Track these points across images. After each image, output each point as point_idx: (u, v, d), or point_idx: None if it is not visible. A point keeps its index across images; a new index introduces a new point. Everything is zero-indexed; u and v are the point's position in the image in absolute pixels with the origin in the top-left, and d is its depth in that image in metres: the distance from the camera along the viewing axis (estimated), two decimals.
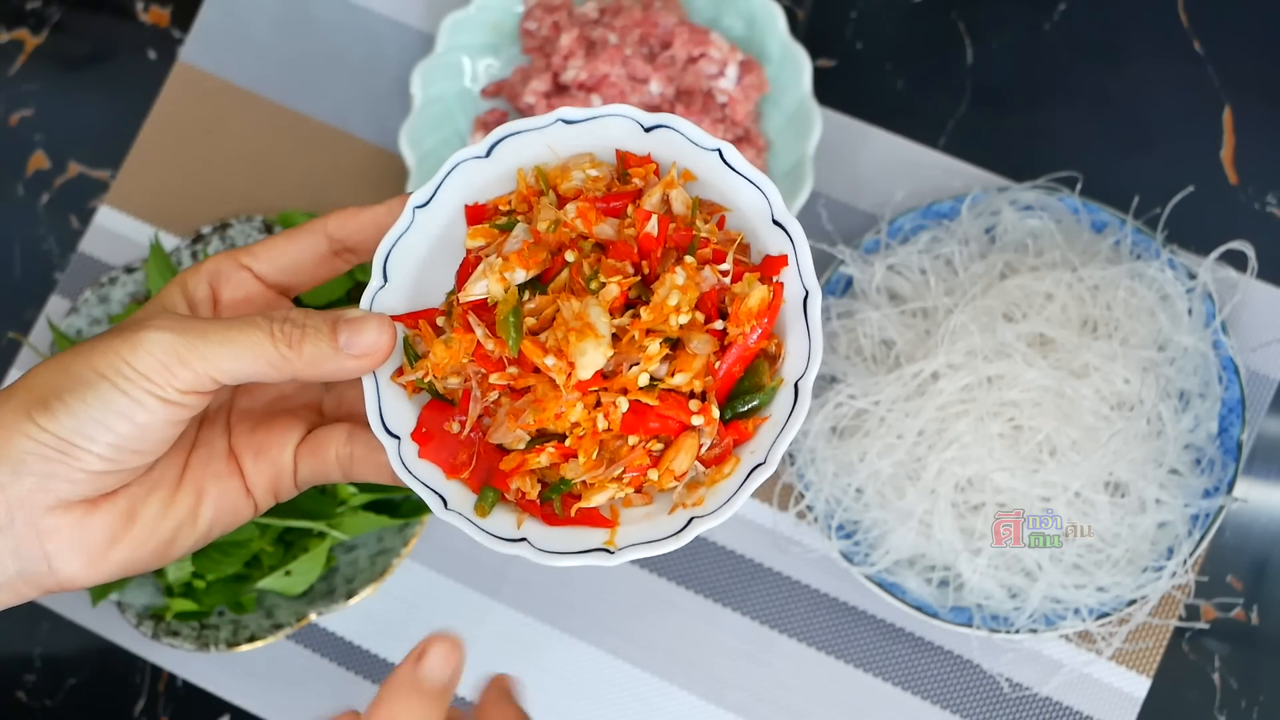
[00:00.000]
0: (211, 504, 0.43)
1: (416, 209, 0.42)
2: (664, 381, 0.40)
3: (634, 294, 0.40)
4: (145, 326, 0.40)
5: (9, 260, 0.82)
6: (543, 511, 0.42)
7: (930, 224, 0.73)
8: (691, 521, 0.40)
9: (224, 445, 0.44)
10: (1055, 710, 0.70)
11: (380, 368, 0.42)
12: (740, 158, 0.41)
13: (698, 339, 0.40)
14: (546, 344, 0.39)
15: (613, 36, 0.74)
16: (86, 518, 0.40)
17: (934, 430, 0.66)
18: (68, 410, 0.39)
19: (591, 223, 0.41)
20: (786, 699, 0.72)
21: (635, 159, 0.43)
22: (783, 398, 0.40)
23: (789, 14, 0.79)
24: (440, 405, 0.42)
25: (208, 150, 0.81)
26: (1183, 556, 0.67)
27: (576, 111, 0.42)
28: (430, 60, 0.76)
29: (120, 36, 0.84)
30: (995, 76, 0.78)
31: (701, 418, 0.40)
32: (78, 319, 0.75)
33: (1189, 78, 0.77)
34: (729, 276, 0.41)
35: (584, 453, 0.40)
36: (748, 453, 0.41)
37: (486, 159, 0.43)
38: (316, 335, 0.41)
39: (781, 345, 0.41)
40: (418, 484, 0.41)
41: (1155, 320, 0.68)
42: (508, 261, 0.40)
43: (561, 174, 0.43)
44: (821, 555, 0.72)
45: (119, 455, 0.40)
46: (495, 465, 0.41)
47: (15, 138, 0.83)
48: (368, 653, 0.74)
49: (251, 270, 0.46)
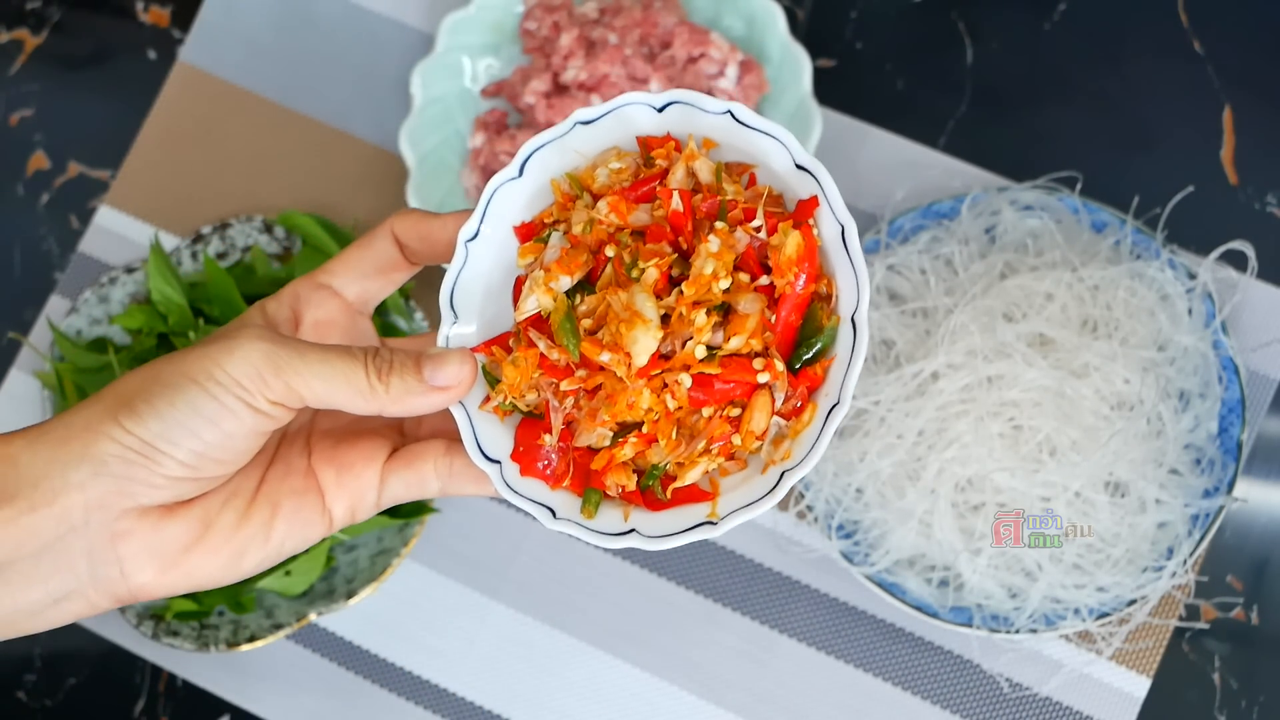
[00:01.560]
0: (285, 519, 0.43)
1: (467, 242, 0.43)
2: (722, 348, 0.40)
3: (677, 272, 0.41)
4: (242, 335, 0.40)
5: (9, 260, 0.82)
6: (645, 499, 0.42)
7: (930, 224, 0.73)
8: (783, 476, 0.40)
9: (303, 463, 0.44)
10: (1055, 710, 0.70)
11: (467, 399, 0.43)
12: (751, 113, 0.42)
13: (745, 299, 0.40)
14: (603, 341, 0.40)
15: (613, 36, 0.74)
16: (161, 523, 0.40)
17: (934, 430, 0.66)
18: (154, 413, 0.39)
19: (624, 213, 0.42)
20: (786, 699, 0.72)
21: (655, 141, 0.43)
22: (843, 335, 0.41)
23: (789, 14, 0.79)
24: (533, 422, 0.43)
25: (208, 150, 0.81)
26: (1183, 556, 0.67)
27: (590, 111, 0.43)
28: (430, 60, 0.76)
29: (120, 36, 0.84)
30: (995, 76, 0.78)
31: (768, 374, 0.40)
32: (78, 319, 0.75)
33: (1189, 78, 0.77)
34: (763, 231, 0.41)
35: (663, 435, 0.41)
36: (822, 396, 0.41)
37: (521, 178, 0.44)
38: (403, 369, 0.41)
39: (832, 284, 0.41)
40: (525, 501, 0.42)
41: (1155, 320, 0.68)
42: (550, 272, 0.42)
43: (591, 174, 0.44)
44: (821, 555, 0.72)
45: (201, 462, 0.40)
46: (591, 467, 0.42)
47: (15, 138, 0.83)
48: (368, 653, 0.74)
49: (331, 287, 0.46)
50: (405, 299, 0.74)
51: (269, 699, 0.74)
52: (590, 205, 0.43)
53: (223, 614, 0.71)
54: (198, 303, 0.72)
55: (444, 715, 0.73)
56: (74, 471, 0.39)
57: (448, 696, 0.74)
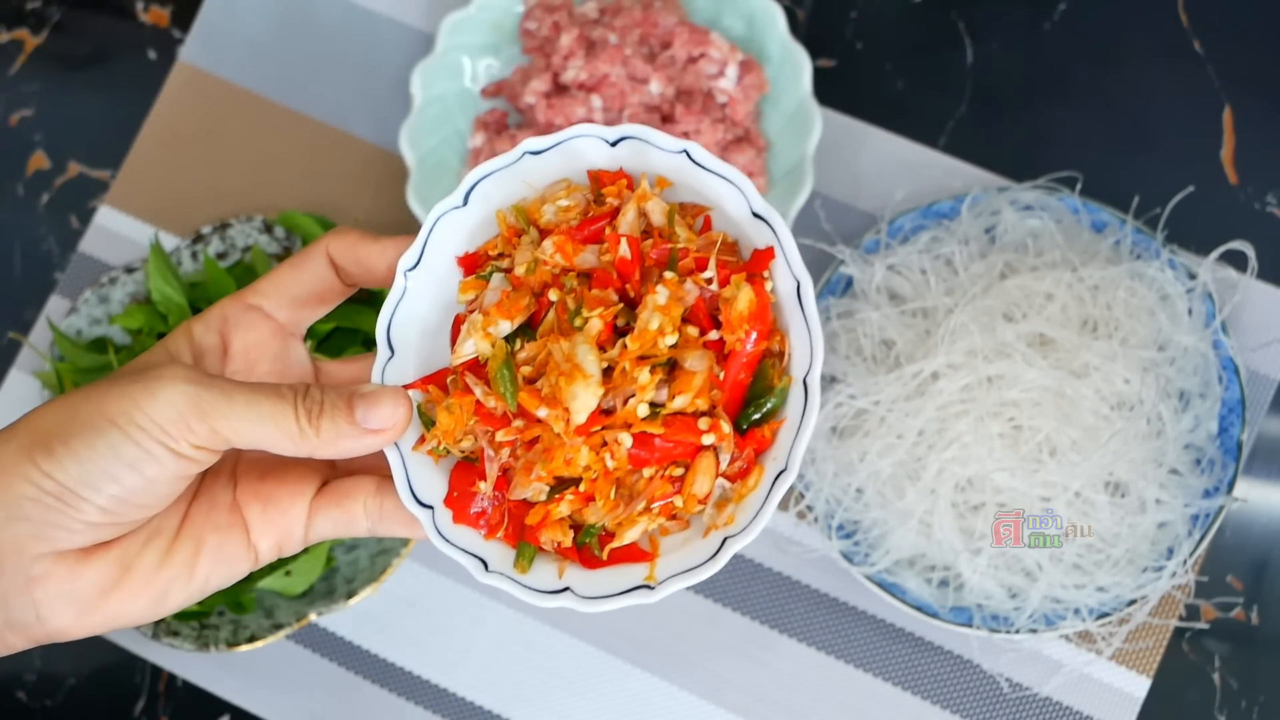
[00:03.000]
0: (210, 556, 0.41)
1: (407, 272, 0.41)
2: (666, 406, 0.38)
3: (623, 321, 0.39)
4: (163, 376, 0.38)
5: (9, 260, 0.82)
6: (581, 556, 0.40)
7: (930, 224, 0.73)
8: (725, 542, 0.39)
9: (228, 497, 0.42)
10: (1055, 710, 0.70)
11: (402, 439, 0.41)
12: (707, 155, 0.40)
13: (692, 356, 0.38)
14: (542, 392, 0.38)
15: (613, 36, 0.74)
16: (78, 567, 0.39)
17: (934, 430, 0.66)
18: (74, 456, 0.37)
19: (571, 255, 0.40)
20: (786, 699, 0.72)
21: (607, 176, 0.41)
22: (794, 397, 0.39)
23: (789, 14, 0.79)
24: (468, 466, 0.41)
25: (208, 150, 0.81)
26: (1183, 556, 0.67)
27: (540, 140, 0.41)
28: (430, 60, 0.76)
29: (120, 36, 0.84)
30: (995, 76, 0.78)
31: (713, 435, 0.38)
32: (78, 319, 0.75)
33: (1189, 78, 0.77)
34: (714, 283, 0.39)
35: (600, 495, 0.39)
36: (770, 460, 0.39)
37: (465, 207, 0.42)
38: (334, 411, 0.40)
39: (785, 341, 0.40)
40: (456, 551, 0.40)
41: (1155, 320, 0.68)
42: (489, 316, 0.40)
43: (538, 207, 0.42)
44: (821, 555, 0.72)
45: (121, 508, 0.38)
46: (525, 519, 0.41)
47: (15, 138, 0.83)
48: (368, 653, 0.74)
49: (262, 309, 0.44)
50: None
51: (269, 699, 0.74)
52: (536, 243, 0.41)
53: (223, 614, 0.71)
54: (198, 303, 0.72)
55: (444, 715, 0.73)
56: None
57: (448, 696, 0.74)
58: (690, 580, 0.39)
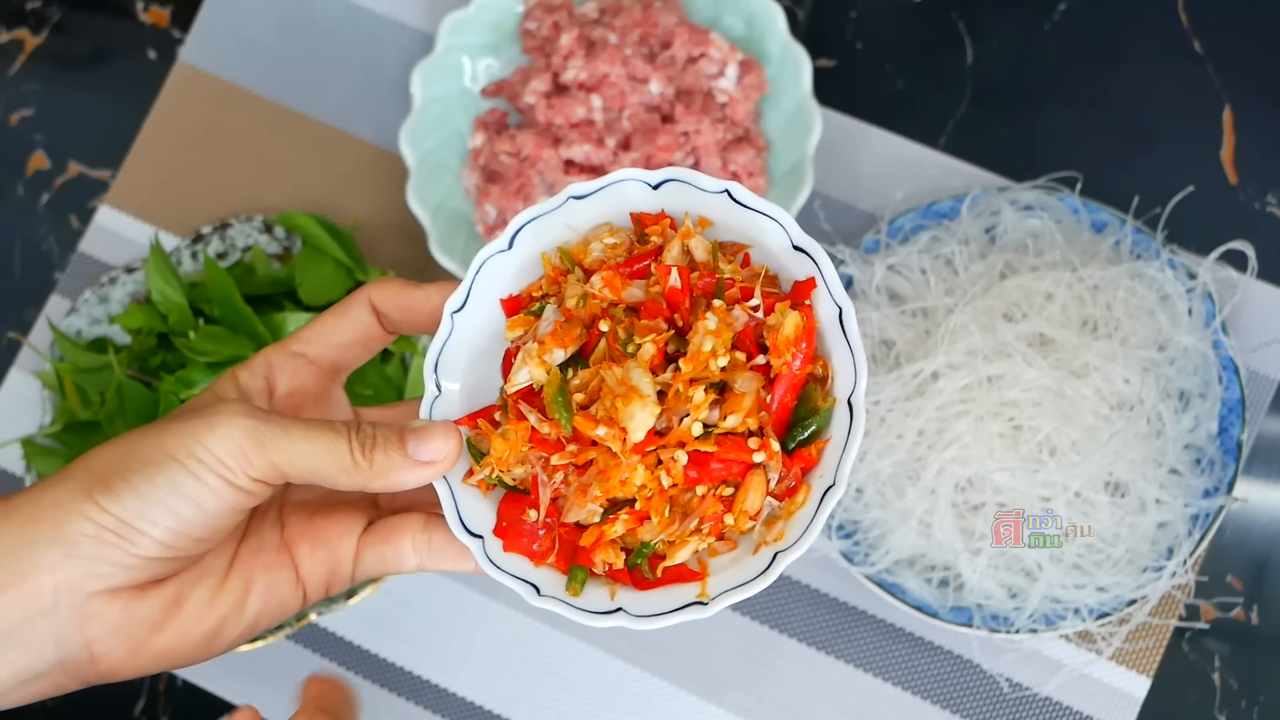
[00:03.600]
0: (260, 594, 0.42)
1: (454, 314, 0.43)
2: (718, 426, 0.40)
3: (672, 348, 0.41)
4: (221, 411, 0.39)
5: (9, 260, 0.82)
6: (633, 578, 0.42)
7: (930, 224, 0.73)
8: (776, 558, 0.40)
9: (276, 536, 0.43)
10: (1055, 710, 0.70)
11: (450, 473, 0.42)
12: (749, 194, 0.41)
13: (742, 378, 0.40)
14: (597, 415, 0.39)
15: (613, 36, 0.74)
16: (132, 605, 0.39)
17: (934, 430, 0.66)
18: (133, 490, 0.38)
19: (619, 289, 0.41)
20: (786, 699, 0.72)
21: (650, 218, 0.43)
22: (839, 417, 0.40)
23: (789, 14, 0.79)
24: (517, 497, 0.42)
25: (208, 150, 0.81)
26: (1183, 556, 0.67)
27: (584, 185, 0.42)
28: (430, 60, 0.76)
29: (120, 36, 0.84)
30: (995, 76, 0.78)
31: (763, 454, 0.40)
32: (78, 319, 0.75)
33: (1189, 78, 0.77)
34: (760, 310, 0.41)
35: (656, 513, 0.40)
36: (816, 478, 0.40)
37: (510, 250, 0.43)
38: (387, 444, 0.40)
39: (828, 365, 0.41)
40: (508, 578, 0.41)
41: (1155, 320, 0.68)
42: (544, 345, 0.41)
43: (583, 249, 0.43)
44: (821, 555, 0.72)
45: (178, 541, 0.39)
46: (577, 544, 0.41)
47: (15, 138, 0.83)
48: (368, 653, 0.74)
49: (305, 356, 0.45)
50: None
51: (269, 699, 0.74)
52: (582, 280, 0.42)
53: None
54: (198, 303, 0.72)
55: (444, 715, 0.73)
56: (44, 552, 0.37)
57: (448, 696, 0.74)
58: (743, 595, 0.40)
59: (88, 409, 0.72)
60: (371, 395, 0.71)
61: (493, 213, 0.75)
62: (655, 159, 0.72)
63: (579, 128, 0.73)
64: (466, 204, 0.77)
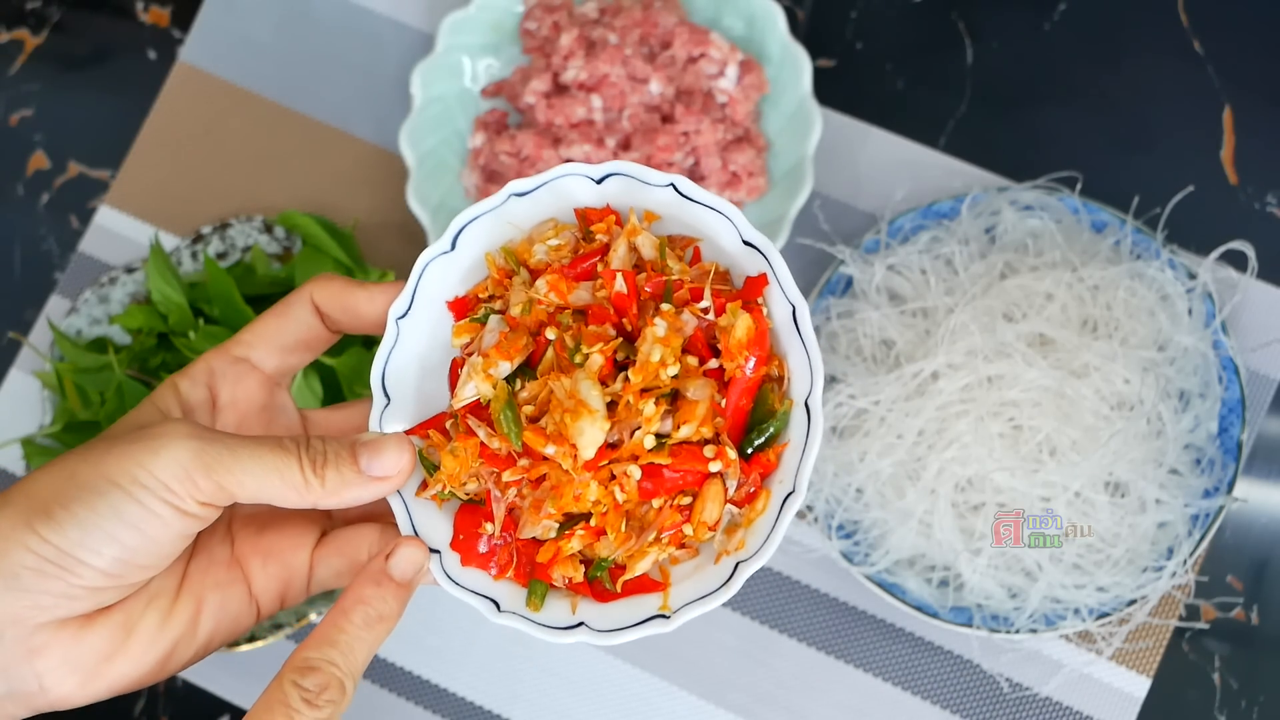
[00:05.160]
0: (212, 614, 0.41)
1: (398, 320, 0.41)
2: (671, 437, 0.39)
3: (622, 355, 0.39)
4: (166, 433, 0.38)
5: (9, 260, 0.82)
6: (593, 590, 0.41)
7: (930, 224, 0.73)
8: (738, 568, 0.39)
9: (226, 552, 0.42)
10: (1055, 710, 0.70)
11: (403, 486, 0.41)
12: (694, 187, 0.40)
13: (694, 385, 0.39)
14: (547, 431, 0.38)
15: (613, 36, 0.74)
16: (81, 634, 0.38)
17: (934, 430, 0.66)
18: (74, 519, 0.36)
19: (565, 293, 0.40)
20: (786, 699, 0.72)
21: (595, 213, 0.41)
22: (797, 419, 0.39)
23: (789, 14, 0.79)
24: (473, 508, 0.41)
25: (208, 150, 0.81)
26: (1183, 556, 0.67)
27: (525, 182, 0.41)
28: (430, 60, 0.76)
29: (120, 36, 0.84)
30: (995, 76, 0.78)
31: (719, 462, 0.39)
32: (78, 319, 0.75)
33: (1189, 78, 0.77)
34: (710, 312, 0.39)
35: (611, 529, 0.39)
36: (776, 483, 0.40)
37: (453, 252, 0.42)
38: (338, 461, 0.39)
39: (784, 366, 0.40)
40: (466, 594, 0.40)
41: (1155, 320, 0.68)
42: (488, 358, 0.40)
43: (528, 248, 0.42)
44: (821, 555, 0.72)
45: (123, 570, 0.37)
46: (535, 558, 0.41)
47: (15, 138, 0.83)
48: None
49: (248, 360, 0.44)
50: None
51: None
52: (528, 283, 0.41)
53: None
54: (198, 303, 0.72)
55: (444, 715, 0.73)
56: None
57: (448, 696, 0.74)
58: (705, 607, 0.39)
59: (88, 409, 0.72)
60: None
61: None
62: (655, 159, 0.72)
63: (579, 128, 0.73)
64: (466, 204, 0.77)
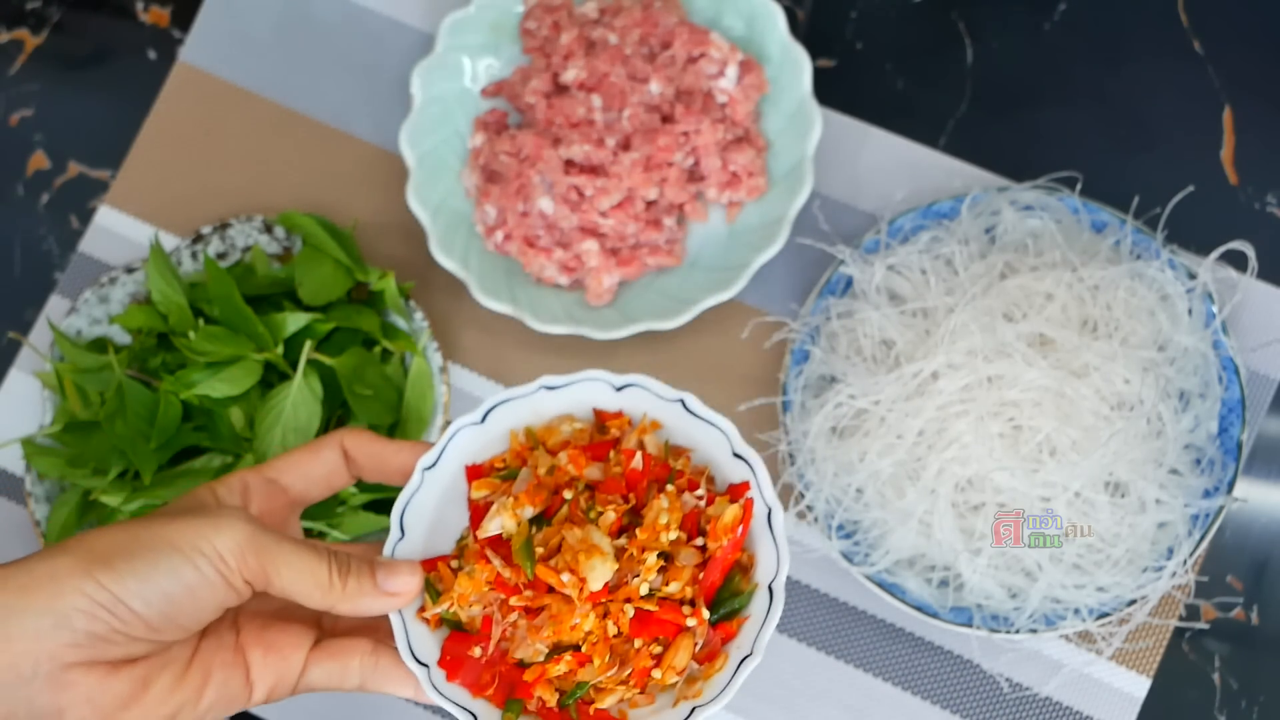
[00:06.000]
0: (215, 688, 0.45)
1: (425, 470, 0.48)
2: (660, 590, 0.46)
3: (625, 521, 0.47)
4: (226, 514, 0.43)
5: (9, 260, 0.82)
6: (561, 718, 0.47)
7: (930, 224, 0.73)
8: (694, 711, 0.45)
9: (231, 638, 0.46)
10: (1055, 710, 0.70)
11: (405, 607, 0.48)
12: (700, 405, 0.48)
13: (684, 552, 0.46)
14: (557, 566, 0.45)
15: (613, 36, 0.74)
16: (107, 679, 0.41)
17: (934, 430, 0.66)
18: (133, 572, 0.41)
19: (581, 466, 0.48)
20: (786, 699, 0.72)
21: (609, 415, 0.50)
22: (759, 598, 0.46)
23: (789, 14, 0.79)
24: (460, 636, 0.48)
25: (208, 150, 0.81)
26: (1183, 556, 0.67)
27: (557, 379, 0.49)
28: (430, 60, 0.76)
29: (120, 36, 0.84)
30: (995, 76, 0.78)
31: (694, 619, 0.46)
32: (78, 319, 0.75)
33: (1189, 78, 0.77)
34: (704, 500, 0.47)
35: (598, 656, 0.45)
36: (735, 648, 0.46)
37: (482, 424, 0.49)
38: (360, 573, 0.45)
39: (752, 557, 0.47)
40: (450, 704, 0.46)
41: (1155, 320, 0.68)
42: (518, 500, 0.47)
43: (548, 432, 0.50)
44: (821, 555, 0.72)
45: (164, 625, 0.42)
46: (516, 680, 0.47)
47: (15, 138, 0.83)
48: None
49: (278, 484, 0.49)
50: (406, 299, 0.74)
51: None
52: (548, 456, 0.49)
53: None
54: (198, 303, 0.72)
55: (444, 715, 0.73)
56: (33, 621, 0.40)
57: None
58: None
59: (88, 409, 0.72)
60: (371, 395, 0.71)
61: (492, 213, 0.75)
62: (655, 159, 0.73)
63: (579, 128, 0.73)
64: (466, 204, 0.77)
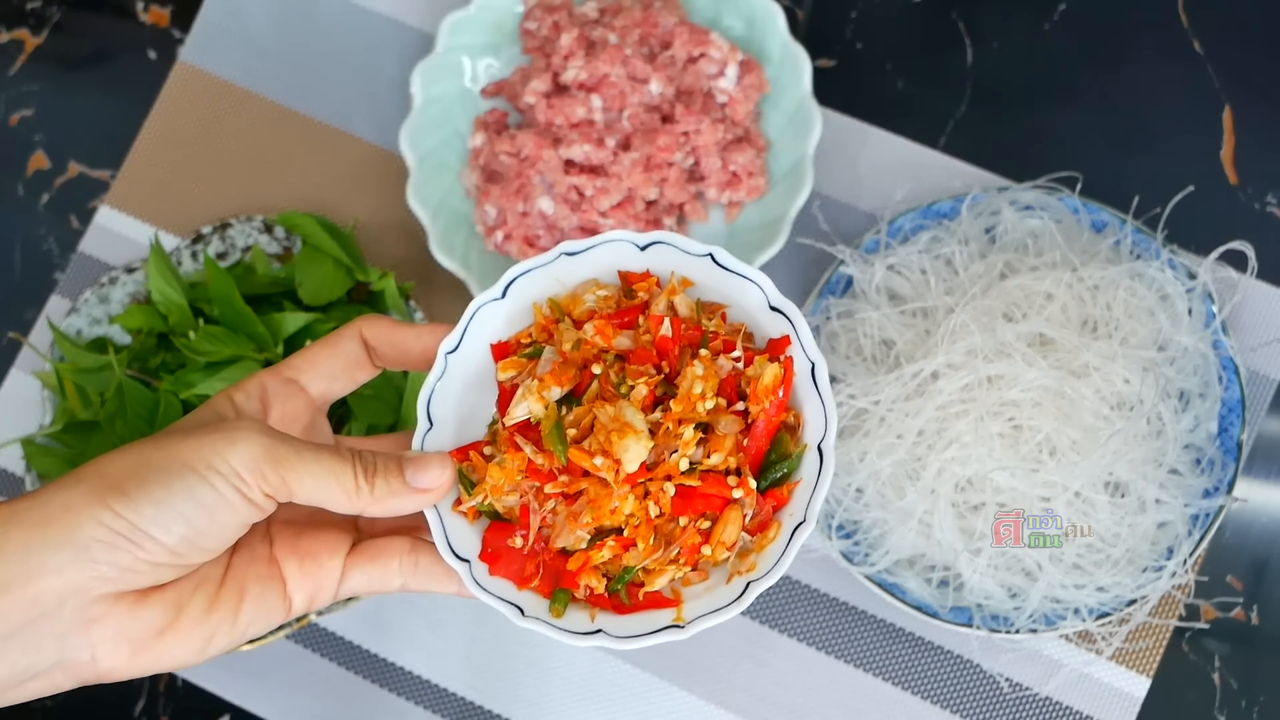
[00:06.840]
0: (251, 605, 0.43)
1: (448, 354, 0.45)
2: (701, 464, 0.43)
3: (659, 392, 0.44)
4: (240, 427, 0.41)
5: (9, 260, 0.82)
6: (612, 603, 0.44)
7: (930, 224, 0.73)
8: (749, 586, 0.43)
9: (265, 551, 0.45)
10: (1055, 710, 0.70)
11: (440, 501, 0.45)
12: (731, 257, 0.45)
13: (724, 420, 0.43)
14: (591, 448, 0.43)
15: (613, 36, 0.74)
16: (136, 608, 0.40)
17: (934, 430, 0.66)
18: (148, 497, 0.39)
19: (609, 337, 0.45)
20: (786, 699, 0.72)
21: (636, 276, 0.46)
22: (809, 461, 0.44)
23: (789, 14, 0.79)
24: (501, 526, 0.45)
25: (208, 150, 0.81)
26: (1183, 556, 0.67)
27: (577, 243, 0.45)
28: (430, 60, 0.76)
29: (120, 36, 0.84)
30: (995, 76, 0.78)
31: (741, 490, 0.43)
32: (78, 319, 0.75)
33: (1189, 78, 0.77)
34: (741, 362, 0.44)
35: (642, 539, 0.43)
36: (787, 515, 0.44)
37: (503, 299, 0.46)
38: (387, 472, 0.43)
39: (799, 415, 0.44)
40: (493, 599, 0.44)
41: (1155, 320, 0.68)
42: (543, 382, 0.44)
43: (573, 301, 0.46)
44: (821, 555, 0.72)
45: (187, 549, 0.40)
46: (561, 569, 0.44)
47: (15, 138, 0.83)
48: (368, 652, 0.74)
49: (298, 383, 0.47)
50: (406, 299, 0.74)
51: (269, 699, 0.74)
52: (574, 328, 0.46)
53: None
54: (198, 303, 0.72)
55: (444, 715, 0.73)
56: (53, 555, 0.38)
57: (448, 696, 0.74)
58: (717, 620, 0.43)
59: (88, 409, 0.72)
60: (371, 395, 0.71)
61: (492, 213, 0.75)
62: (655, 159, 0.72)
63: (579, 128, 0.73)
64: (466, 204, 0.77)
